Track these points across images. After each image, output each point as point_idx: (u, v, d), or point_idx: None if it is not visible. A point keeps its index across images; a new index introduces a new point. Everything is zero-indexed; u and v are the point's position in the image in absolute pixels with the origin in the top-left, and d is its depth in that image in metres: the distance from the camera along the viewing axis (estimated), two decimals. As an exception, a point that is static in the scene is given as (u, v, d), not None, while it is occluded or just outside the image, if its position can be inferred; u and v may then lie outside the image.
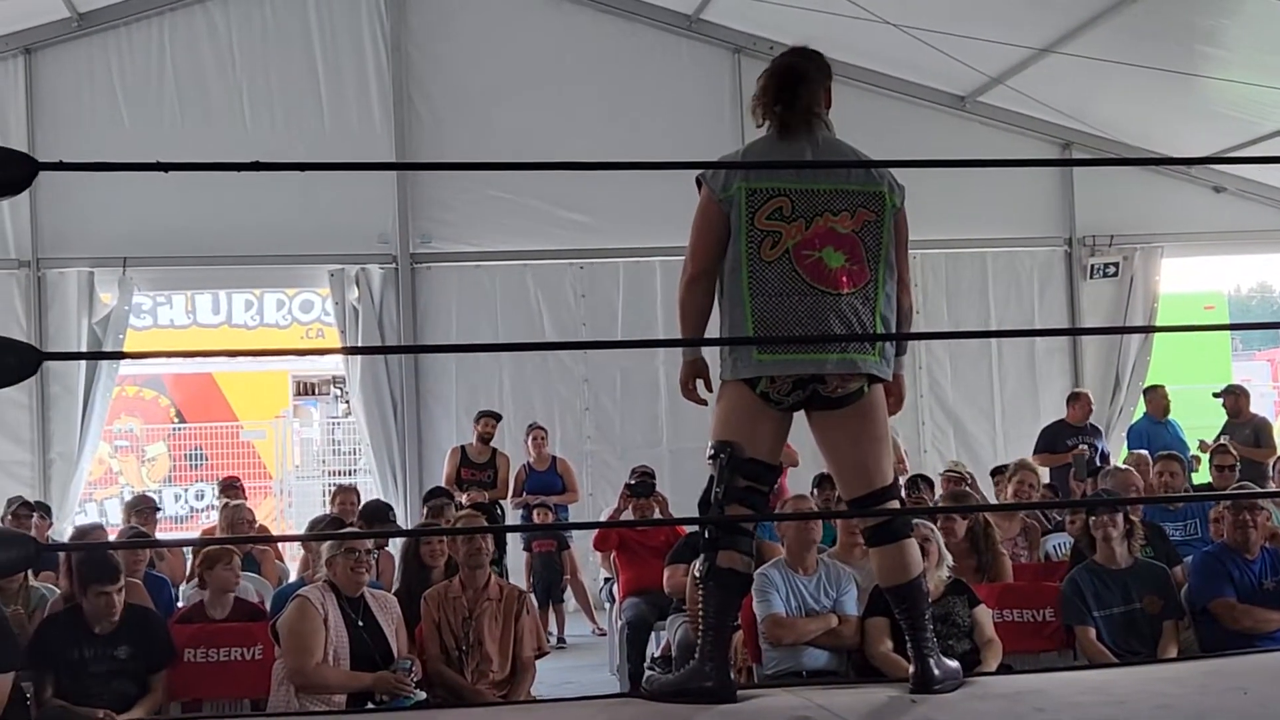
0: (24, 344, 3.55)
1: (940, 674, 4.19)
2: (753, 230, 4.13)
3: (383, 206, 12.59)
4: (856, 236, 4.15)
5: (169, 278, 13.20)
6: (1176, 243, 13.79)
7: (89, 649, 6.03)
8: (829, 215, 4.13)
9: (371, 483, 13.07)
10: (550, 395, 12.79)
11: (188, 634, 6.53)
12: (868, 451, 4.29)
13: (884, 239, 4.19)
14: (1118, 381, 13.38)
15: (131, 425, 17.88)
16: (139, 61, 12.38)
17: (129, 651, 6.06)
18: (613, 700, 4.88)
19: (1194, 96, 11.97)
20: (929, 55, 11.73)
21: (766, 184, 4.15)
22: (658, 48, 13.02)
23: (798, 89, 4.26)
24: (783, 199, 4.13)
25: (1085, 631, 6.48)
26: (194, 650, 6.44)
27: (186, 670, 6.37)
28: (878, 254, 4.18)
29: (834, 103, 4.42)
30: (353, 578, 6.12)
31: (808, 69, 4.32)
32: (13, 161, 3.50)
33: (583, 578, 11.58)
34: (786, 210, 4.13)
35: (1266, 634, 6.49)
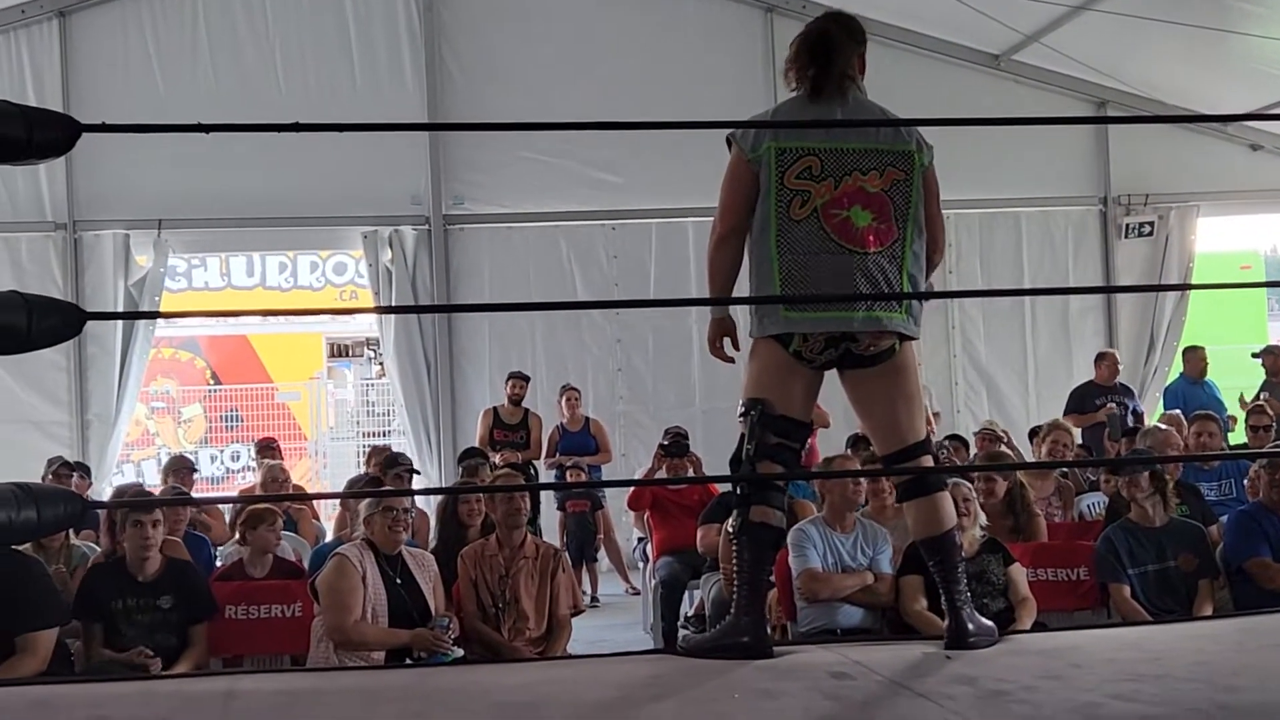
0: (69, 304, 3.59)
1: (974, 629, 4.22)
2: (782, 189, 4.15)
3: (415, 168, 12.60)
4: (885, 195, 4.17)
5: (204, 240, 13.25)
6: (1212, 201, 13.67)
7: (131, 598, 6.13)
8: (858, 174, 4.14)
9: (405, 443, 13.12)
10: (583, 356, 12.83)
11: (228, 591, 6.61)
12: (900, 409, 4.32)
13: (913, 198, 4.21)
14: (1152, 341, 13.32)
15: (168, 387, 18.01)
16: (173, 24, 12.40)
17: (171, 601, 6.15)
18: (650, 656, 4.92)
19: (1231, 54, 11.85)
20: (963, 13, 11.63)
21: (796, 143, 4.17)
22: (690, 7, 12.96)
23: (831, 55, 4.27)
24: (812, 158, 4.15)
25: (1119, 589, 6.49)
26: (234, 607, 6.52)
27: (227, 626, 6.45)
28: (906, 213, 4.20)
29: (868, 62, 4.42)
30: (391, 536, 6.17)
31: (840, 35, 4.33)
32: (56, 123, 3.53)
33: (616, 537, 11.63)
34: (816, 169, 4.14)
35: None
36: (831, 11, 4.51)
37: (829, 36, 4.30)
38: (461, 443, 11.92)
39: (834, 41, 4.29)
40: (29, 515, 3.27)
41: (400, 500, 6.38)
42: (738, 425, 4.27)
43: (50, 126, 3.53)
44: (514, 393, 11.57)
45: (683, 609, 8.73)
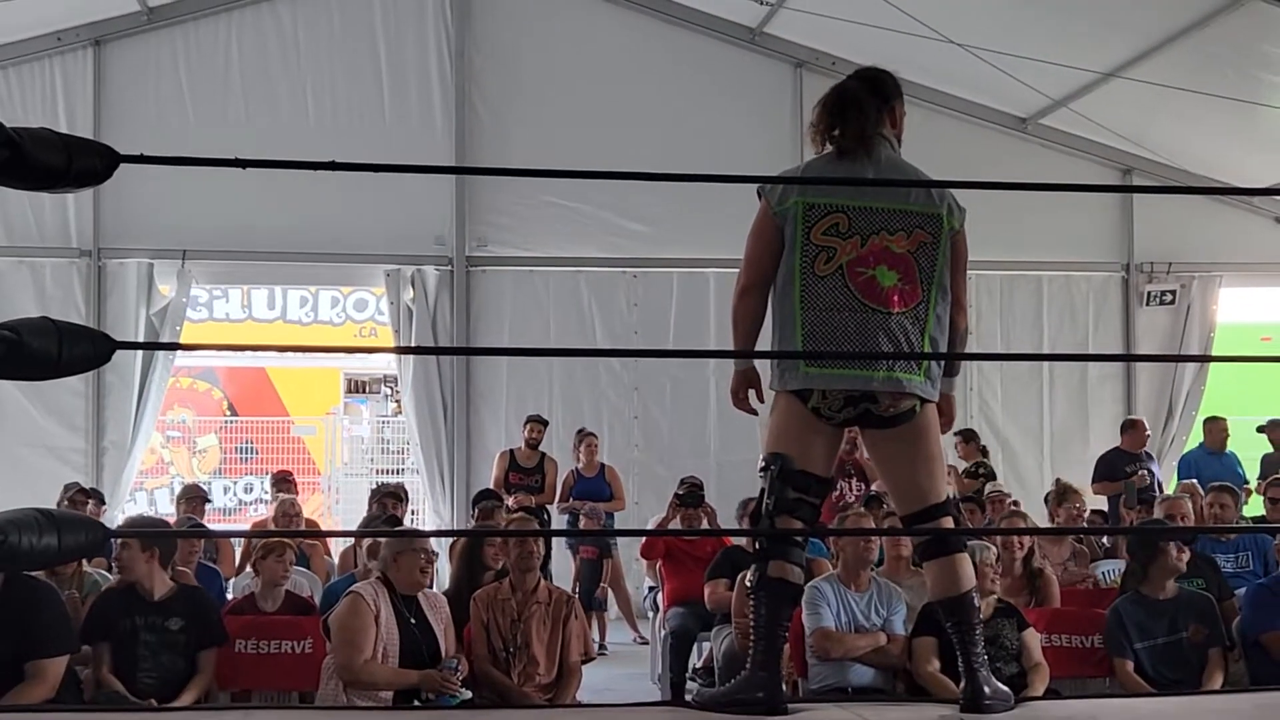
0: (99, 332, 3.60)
1: (991, 693, 4.19)
2: (808, 244, 4.16)
3: (440, 209, 12.68)
4: (911, 257, 4.16)
5: (226, 272, 13.33)
6: (1235, 272, 13.68)
7: (141, 617, 6.11)
8: (885, 234, 4.14)
9: (419, 482, 13.14)
10: (599, 402, 12.84)
11: (239, 624, 6.59)
12: (920, 470, 4.31)
13: (939, 261, 4.19)
14: (1170, 410, 13.29)
15: (184, 416, 18.03)
16: (206, 57, 12.53)
17: (180, 624, 6.13)
18: (661, 708, 4.89)
19: (1259, 125, 11.88)
20: (991, 75, 11.70)
21: (824, 199, 4.17)
22: (720, 60, 13.05)
23: (847, 113, 4.26)
24: (839, 215, 4.15)
25: (1123, 664, 6.44)
26: (245, 641, 6.50)
27: (237, 660, 6.43)
28: (931, 275, 4.18)
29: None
30: (417, 578, 6.14)
31: (860, 92, 4.32)
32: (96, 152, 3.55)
33: (626, 585, 11.59)
34: (843, 226, 4.14)
35: (1318, 668, 6.43)
36: (861, 69, 4.50)
37: (848, 95, 4.30)
38: (475, 484, 11.92)
39: (855, 99, 4.28)
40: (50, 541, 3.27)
41: (426, 542, 6.36)
42: (758, 479, 4.27)
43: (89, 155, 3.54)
44: (531, 436, 11.57)
45: (691, 660, 8.69)
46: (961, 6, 11.08)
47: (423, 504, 13.31)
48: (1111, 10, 10.68)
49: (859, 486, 10.44)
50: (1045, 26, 11.18)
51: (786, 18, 12.38)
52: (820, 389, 4.16)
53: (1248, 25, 10.08)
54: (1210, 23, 10.15)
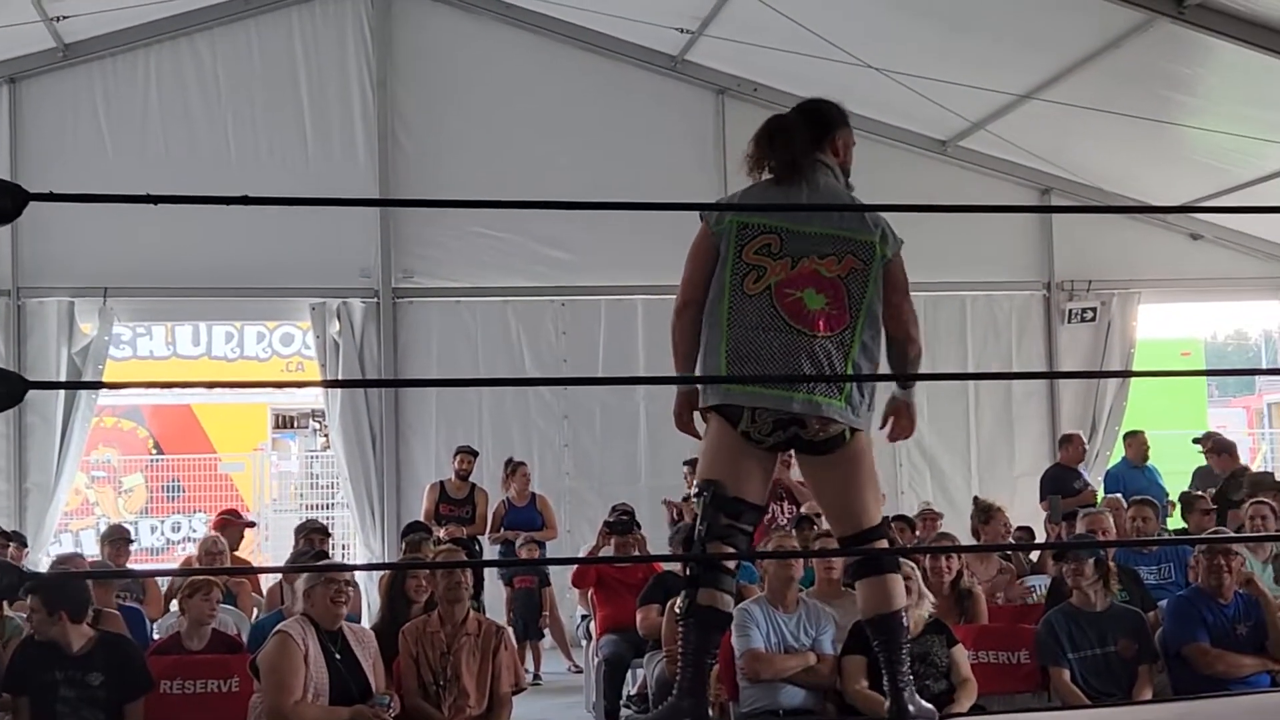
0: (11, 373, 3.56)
1: (915, 711, 4.22)
2: (739, 263, 4.19)
3: (365, 241, 12.62)
4: (841, 282, 4.18)
5: (149, 309, 13.19)
6: (1153, 289, 13.90)
7: (60, 671, 6.00)
8: (815, 258, 4.16)
9: (349, 517, 13.06)
10: (530, 431, 12.81)
11: (164, 665, 6.51)
12: (853, 496, 4.34)
13: (869, 288, 4.21)
14: (1094, 425, 13.44)
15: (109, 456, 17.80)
16: (124, 93, 12.42)
17: (101, 679, 6.03)
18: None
19: (1171, 144, 12.09)
20: (911, 99, 11.84)
21: (758, 220, 4.22)
22: (643, 87, 13.11)
23: (775, 141, 4.30)
24: (772, 236, 4.18)
25: (1059, 673, 6.51)
26: (170, 682, 6.42)
27: (163, 701, 6.34)
28: (861, 302, 4.19)
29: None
30: (332, 609, 6.10)
31: (792, 122, 4.37)
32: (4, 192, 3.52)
33: (560, 614, 11.56)
34: (775, 247, 4.17)
35: (1239, 678, 6.53)
36: (805, 100, 4.55)
37: (778, 125, 4.35)
38: (406, 517, 11.85)
39: (784, 129, 4.33)
40: (-37, 586, 3.23)
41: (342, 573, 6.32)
42: (692, 505, 4.28)
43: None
44: (461, 467, 11.53)
45: (625, 688, 8.67)
46: (879, 32, 11.20)
47: (354, 538, 13.21)
48: (1026, 33, 10.83)
49: (790, 509, 10.48)
50: (962, 51, 11.33)
51: (707, 45, 12.46)
52: (749, 410, 4.16)
53: (1157, 46, 10.25)
54: (1121, 44, 10.31)
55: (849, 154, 4.46)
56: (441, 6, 12.88)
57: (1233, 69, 10.65)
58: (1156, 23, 9.87)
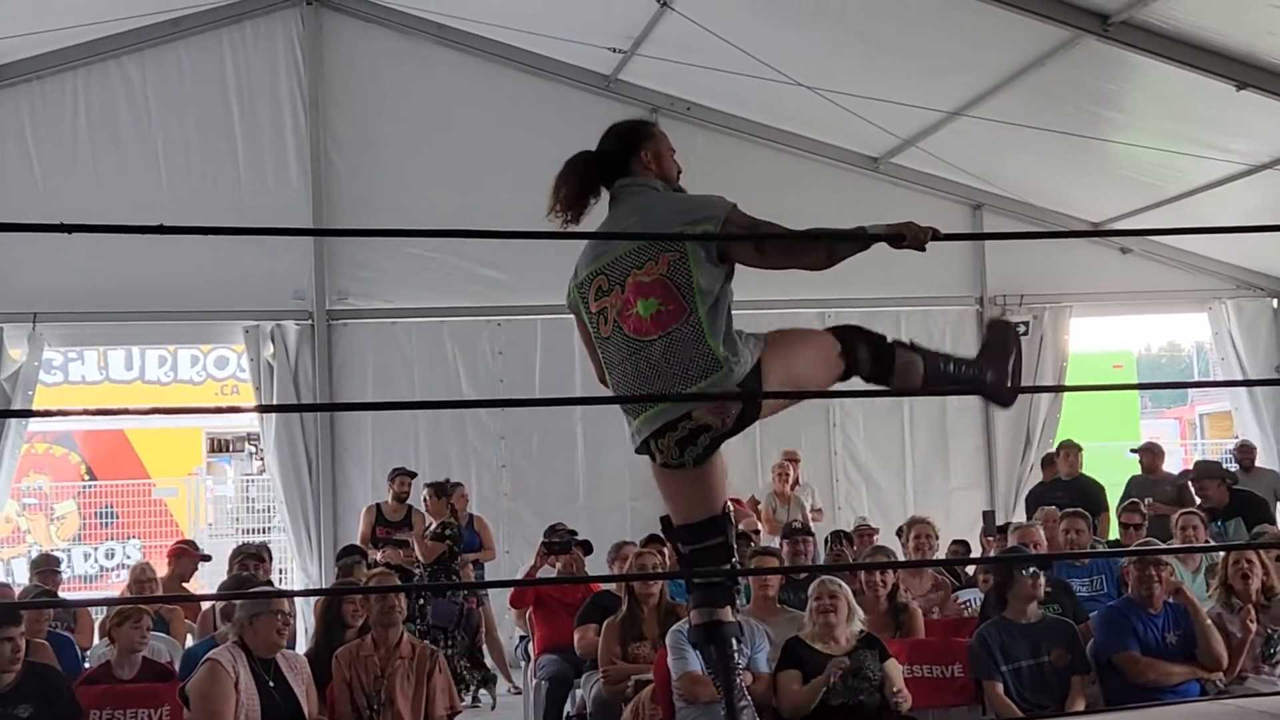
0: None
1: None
2: (590, 315, 4.19)
3: (299, 263, 12.54)
4: (664, 278, 4.05)
5: (81, 334, 13.02)
6: (1085, 302, 14.07)
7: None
8: (635, 272, 4.09)
9: (286, 540, 12.95)
10: (466, 452, 12.75)
11: (94, 694, 6.44)
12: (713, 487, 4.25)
13: (693, 270, 4.02)
14: (1028, 439, 13.57)
15: (40, 483, 17.57)
16: (52, 115, 12.27)
17: (30, 710, 5.96)
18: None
19: (1100, 159, 12.24)
20: (842, 117, 11.92)
21: (585, 272, 4.22)
22: (577, 107, 13.07)
23: (556, 190, 4.34)
24: (600, 277, 4.15)
25: (993, 686, 6.56)
26: (100, 711, 6.35)
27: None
28: (690, 287, 4.02)
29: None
30: (275, 640, 6.06)
31: (571, 162, 4.40)
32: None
33: (499, 635, 11.51)
34: (605, 285, 4.14)
35: (1169, 687, 6.62)
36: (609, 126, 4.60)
37: (561, 171, 4.39)
38: (343, 540, 11.77)
39: (561, 175, 4.37)
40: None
41: (282, 602, 6.26)
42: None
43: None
44: (399, 489, 11.46)
45: (565, 708, 8.65)
46: (810, 50, 11.27)
47: (290, 563, 13.10)
48: (955, 51, 10.93)
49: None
50: (892, 68, 11.41)
51: (639, 64, 12.49)
52: (650, 440, 4.09)
53: (1083, 63, 10.37)
54: (1048, 61, 10.42)
55: (663, 162, 4.39)
56: (374, 27, 12.84)
57: (1158, 85, 10.79)
58: (1082, 40, 9.99)
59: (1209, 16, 9.39)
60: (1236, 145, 11.24)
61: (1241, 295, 14.27)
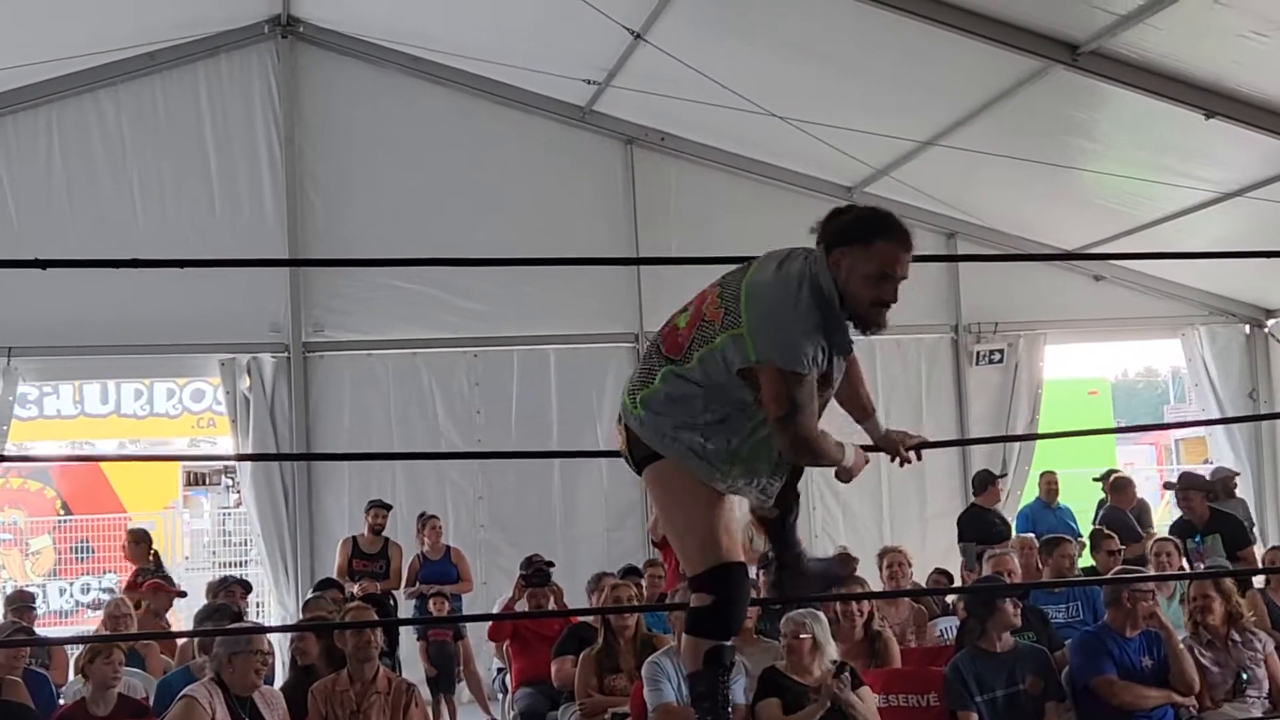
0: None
1: None
2: None
3: (275, 295, 12.53)
4: (704, 320, 3.88)
5: (55, 368, 12.99)
6: (1059, 329, 14.18)
7: (-38, 746, 5.91)
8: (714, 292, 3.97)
9: (263, 573, 12.91)
10: (443, 484, 12.73)
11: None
12: (670, 531, 4.19)
13: (722, 348, 3.81)
14: (1004, 465, 13.58)
15: (15, 518, 17.48)
16: (26, 149, 12.25)
17: (3, 751, 5.94)
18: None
19: (1072, 188, 12.31)
20: (816, 147, 11.98)
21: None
22: (552, 138, 13.16)
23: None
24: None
25: (967, 716, 6.58)
26: (75, 749, 6.31)
27: (66, 770, 6.24)
28: (702, 347, 3.84)
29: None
30: (252, 680, 6.04)
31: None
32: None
33: (476, 667, 11.48)
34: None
35: (1144, 711, 6.65)
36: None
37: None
38: (320, 572, 11.75)
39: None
40: None
41: (261, 641, 6.25)
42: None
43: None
44: (375, 522, 11.45)
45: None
46: (783, 81, 11.32)
47: (268, 596, 13.06)
48: (926, 81, 11.00)
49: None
50: (864, 98, 11.47)
51: (614, 96, 12.54)
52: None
53: (1054, 92, 10.44)
54: (1018, 91, 10.49)
55: (852, 280, 3.87)
56: (349, 60, 12.87)
57: (1128, 114, 10.86)
58: (1052, 70, 10.06)
59: (1177, 46, 9.48)
60: (1206, 173, 11.32)
61: (1214, 321, 14.36)
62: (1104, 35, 9.46)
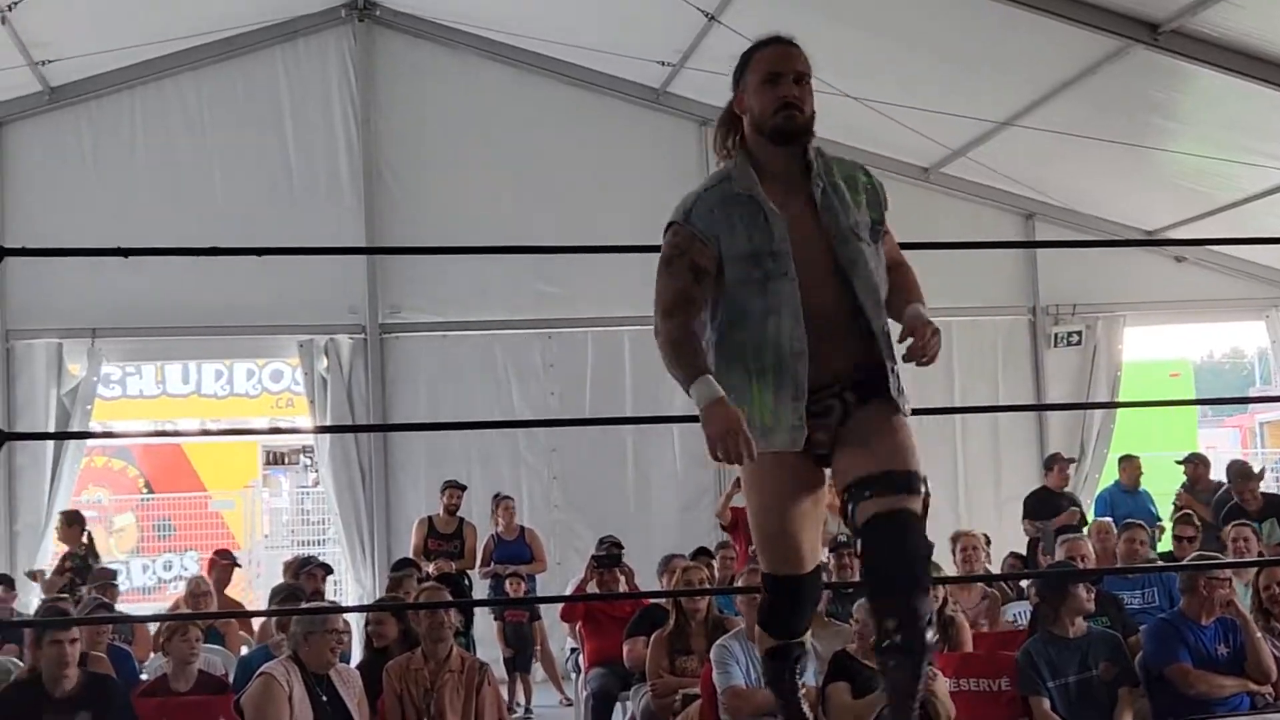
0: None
1: None
2: None
3: (353, 276, 12.65)
4: None
5: (138, 349, 13.22)
6: (1139, 312, 13.96)
7: (49, 715, 6.03)
8: None
9: (340, 552, 13.07)
10: (518, 464, 12.81)
11: (150, 707, 6.52)
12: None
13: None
14: (1082, 448, 13.45)
15: (100, 496, 17.80)
16: (110, 133, 12.48)
17: (88, 717, 6.06)
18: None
19: (1152, 168, 12.17)
20: (891, 128, 11.90)
21: None
22: (626, 120, 13.18)
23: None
24: None
25: (1039, 702, 6.53)
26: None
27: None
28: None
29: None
30: (328, 657, 6.15)
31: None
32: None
33: (550, 647, 11.56)
34: None
35: (1219, 700, 6.57)
36: None
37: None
38: (397, 552, 11.87)
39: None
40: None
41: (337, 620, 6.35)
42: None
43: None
44: (449, 502, 11.55)
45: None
46: (858, 61, 11.25)
47: (345, 574, 13.23)
48: (1003, 61, 10.92)
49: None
50: (940, 79, 11.40)
51: (688, 77, 12.52)
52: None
53: (1134, 72, 10.31)
54: (1098, 70, 10.37)
55: (747, 109, 3.72)
56: (424, 42, 12.96)
57: (1209, 93, 10.71)
58: (1132, 49, 9.93)
59: (1259, 25, 9.32)
60: (1289, 153, 11.15)
61: (1300, 303, 14.12)
62: (1185, 14, 9.34)
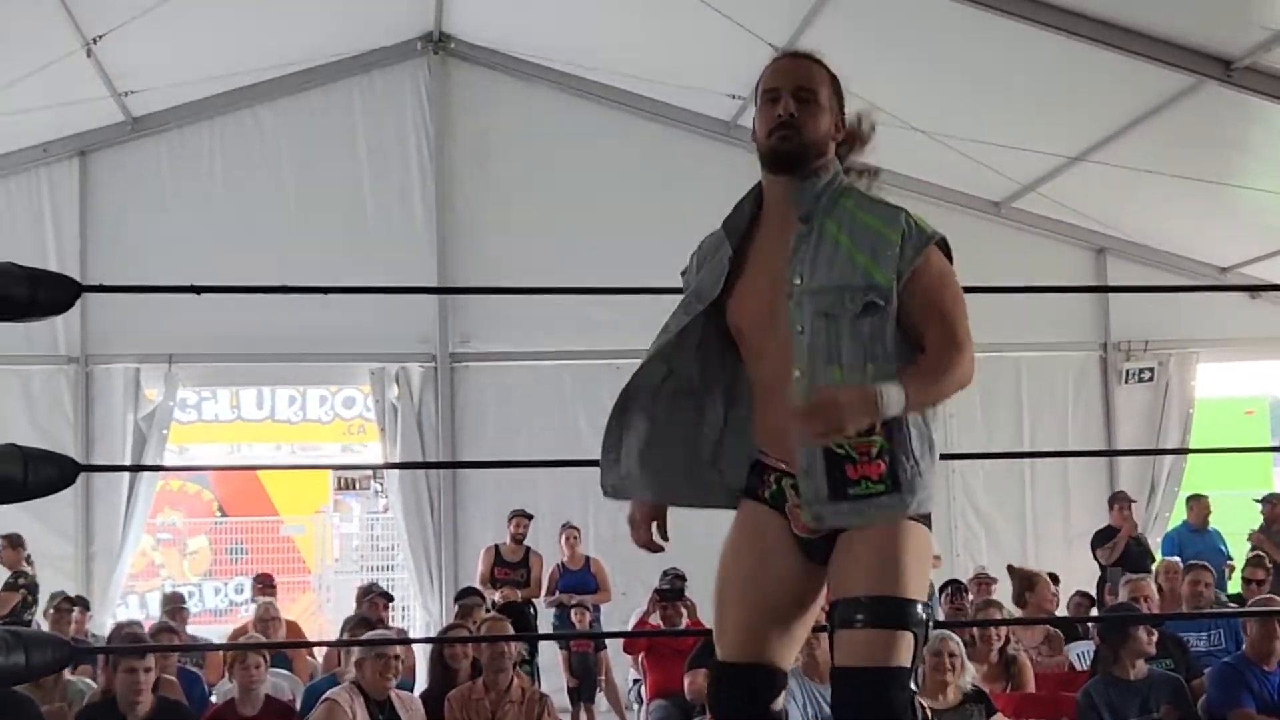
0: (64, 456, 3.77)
1: None
2: None
3: (424, 306, 12.78)
4: None
5: (213, 374, 13.47)
6: (1212, 348, 13.80)
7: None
8: None
9: (408, 579, 13.19)
10: (585, 494, 12.82)
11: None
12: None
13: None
14: (1153, 486, 13.32)
15: (174, 519, 18.05)
16: (189, 164, 12.71)
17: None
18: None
19: (1226, 204, 12.07)
20: (962, 162, 11.90)
21: None
22: (697, 154, 13.20)
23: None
24: None
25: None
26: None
27: (214, 768, 6.48)
28: None
29: None
30: (381, 681, 6.23)
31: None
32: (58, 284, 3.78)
33: (614, 678, 11.60)
34: None
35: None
36: None
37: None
38: (464, 579, 11.95)
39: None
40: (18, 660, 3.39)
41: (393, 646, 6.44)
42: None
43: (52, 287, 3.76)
44: (516, 531, 11.64)
45: (676, 752, 8.70)
46: (927, 95, 11.26)
47: (413, 601, 13.35)
48: (1073, 97, 10.88)
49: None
50: (1010, 113, 11.39)
51: (759, 111, 12.55)
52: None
53: (1206, 107, 10.25)
54: (1170, 106, 10.33)
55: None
56: (496, 75, 13.11)
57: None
58: (1205, 86, 9.89)
59: (1335, 62, 9.28)
60: (1365, 191, 11.04)
61: (1377, 342, 13.90)
62: (1258, 50, 9.29)
